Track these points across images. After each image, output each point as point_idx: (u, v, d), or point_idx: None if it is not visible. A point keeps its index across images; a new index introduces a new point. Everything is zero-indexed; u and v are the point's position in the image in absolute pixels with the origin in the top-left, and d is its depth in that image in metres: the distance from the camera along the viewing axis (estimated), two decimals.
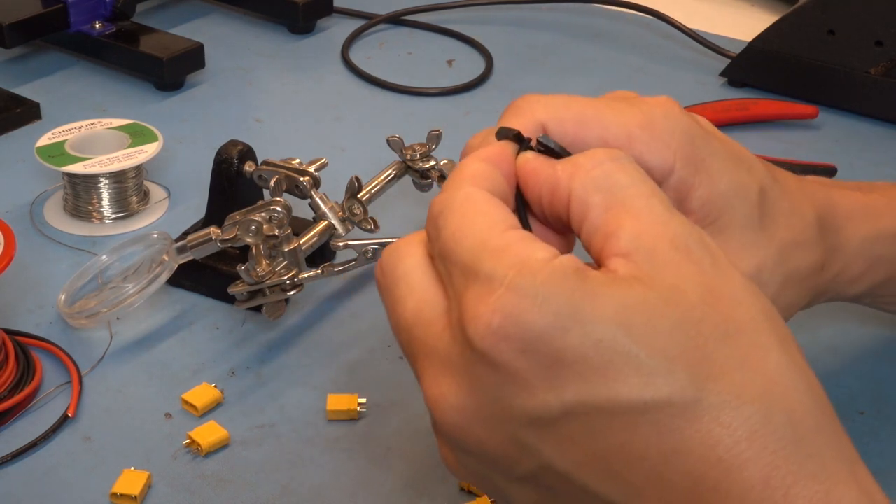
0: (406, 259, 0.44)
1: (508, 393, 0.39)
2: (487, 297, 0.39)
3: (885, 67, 0.98)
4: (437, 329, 0.42)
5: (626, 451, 0.38)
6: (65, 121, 0.86)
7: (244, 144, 0.74)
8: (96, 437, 0.64)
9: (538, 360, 0.38)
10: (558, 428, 0.39)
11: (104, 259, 0.75)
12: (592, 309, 0.38)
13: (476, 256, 0.40)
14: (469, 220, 0.41)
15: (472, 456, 0.42)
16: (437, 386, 0.41)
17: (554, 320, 0.38)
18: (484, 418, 0.40)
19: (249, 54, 1.09)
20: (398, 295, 0.44)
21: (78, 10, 1.02)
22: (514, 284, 0.38)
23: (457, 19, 1.16)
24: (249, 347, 0.71)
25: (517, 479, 0.41)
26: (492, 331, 0.38)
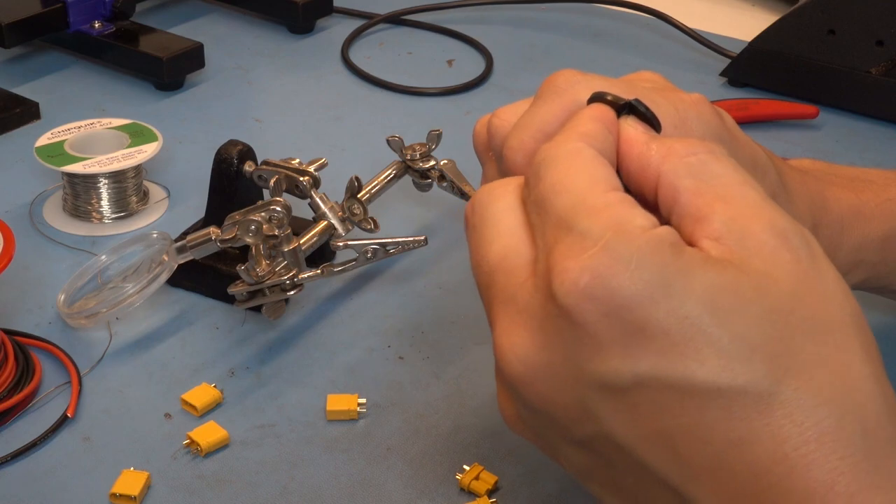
0: (499, 201, 0.43)
1: (583, 354, 0.38)
2: (579, 253, 0.38)
3: (886, 67, 0.98)
4: (519, 278, 0.41)
5: (692, 432, 0.37)
6: (64, 121, 0.85)
7: (244, 144, 0.74)
8: (96, 438, 0.64)
9: (620, 326, 0.37)
10: (627, 398, 0.38)
11: (104, 259, 0.75)
12: (683, 285, 0.37)
13: (573, 211, 0.39)
14: (572, 173, 0.40)
15: (532, 411, 0.41)
16: (508, 335, 0.40)
17: (644, 289, 0.37)
18: (552, 376, 0.39)
19: (249, 54, 1.09)
20: (485, 235, 0.43)
21: (77, 10, 1.02)
22: (608, 245, 0.38)
23: (457, 19, 1.16)
24: (249, 347, 0.71)
25: (574, 441, 0.41)
26: (579, 288, 0.38)
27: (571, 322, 0.38)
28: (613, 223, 0.38)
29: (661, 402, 0.38)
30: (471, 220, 0.44)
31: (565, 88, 0.48)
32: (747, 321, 0.37)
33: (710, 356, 0.37)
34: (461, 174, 0.76)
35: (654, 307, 0.37)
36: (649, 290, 0.37)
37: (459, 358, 0.70)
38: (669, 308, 0.37)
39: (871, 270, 0.61)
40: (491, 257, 0.42)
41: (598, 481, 0.42)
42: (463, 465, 0.61)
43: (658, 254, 0.38)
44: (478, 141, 0.54)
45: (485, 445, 0.63)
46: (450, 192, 0.76)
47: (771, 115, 0.98)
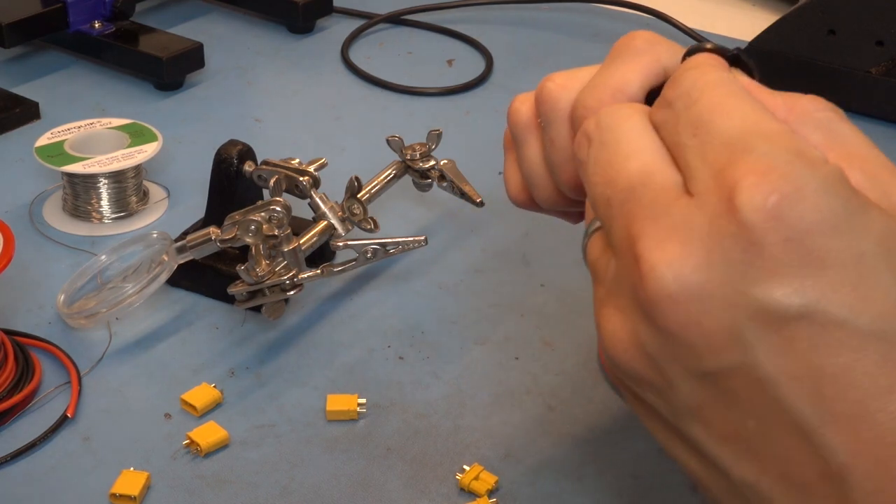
0: (631, 119, 0.42)
1: (752, 276, 0.37)
2: (769, 172, 0.37)
3: (886, 67, 0.98)
4: (670, 194, 0.39)
5: (843, 374, 0.36)
6: (64, 120, 0.85)
7: (244, 144, 0.74)
8: (95, 438, 0.64)
9: (798, 252, 0.36)
10: (787, 329, 0.37)
11: (103, 259, 0.75)
12: (864, 221, 0.37)
13: (749, 132, 0.38)
14: (736, 98, 0.39)
15: (663, 336, 0.39)
16: (662, 250, 0.38)
17: (830, 217, 0.36)
18: (708, 296, 0.37)
19: (249, 54, 1.09)
20: (620, 151, 0.41)
21: (77, 10, 1.02)
22: (796, 170, 0.37)
23: (457, 19, 1.16)
24: (249, 347, 0.71)
25: (702, 373, 0.39)
26: (767, 206, 0.36)
27: (750, 241, 0.37)
28: (795, 150, 0.37)
29: (821, 337, 0.36)
30: (598, 135, 0.42)
31: (645, 49, 0.46)
32: None
33: (878, 299, 0.36)
34: (461, 174, 0.76)
35: (837, 237, 0.36)
36: (834, 220, 0.36)
37: (459, 358, 0.70)
38: (850, 241, 0.36)
39: None
40: (631, 172, 0.40)
41: (705, 422, 0.40)
42: (463, 465, 0.61)
43: (842, 185, 0.37)
44: (518, 118, 0.52)
45: (485, 445, 0.63)
46: (450, 192, 0.76)
47: None
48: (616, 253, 0.41)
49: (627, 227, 0.40)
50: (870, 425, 0.36)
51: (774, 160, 0.37)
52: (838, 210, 0.36)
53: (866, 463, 0.36)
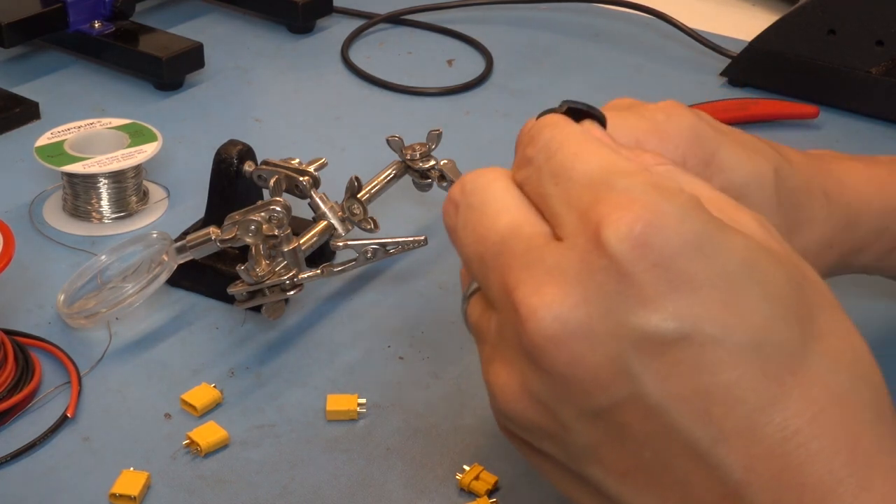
0: (497, 182, 0.44)
1: (628, 306, 0.38)
2: (630, 204, 0.38)
3: (886, 67, 0.98)
4: (541, 242, 0.40)
5: (728, 391, 0.38)
6: (64, 120, 0.85)
7: (244, 144, 0.74)
8: (95, 438, 0.64)
9: (667, 277, 0.37)
10: (668, 354, 0.38)
11: (103, 259, 0.75)
12: (726, 242, 0.38)
13: (607, 172, 0.40)
14: (591, 145, 0.41)
15: (550, 379, 0.40)
16: (540, 295, 0.39)
17: (693, 240, 0.38)
18: (589, 332, 0.38)
19: (249, 54, 1.09)
20: (489, 212, 0.43)
21: (77, 10, 1.02)
22: (656, 199, 0.38)
23: (457, 19, 1.16)
24: (249, 347, 0.71)
25: (594, 410, 0.40)
26: (632, 235, 0.38)
27: (620, 272, 0.38)
28: (653, 182, 0.39)
29: (701, 358, 0.38)
30: (464, 200, 0.44)
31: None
32: (780, 285, 0.38)
33: (750, 314, 0.38)
34: (461, 174, 0.76)
35: (702, 259, 0.38)
36: (697, 242, 0.38)
37: (459, 358, 0.70)
38: (716, 262, 0.38)
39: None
40: (500, 227, 0.42)
41: (602, 461, 0.41)
42: (463, 466, 0.61)
43: (701, 211, 0.38)
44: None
45: (485, 445, 0.63)
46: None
47: (771, 115, 0.98)
48: (496, 307, 0.42)
49: (503, 279, 0.41)
50: (759, 439, 0.37)
51: (634, 193, 0.38)
52: (700, 233, 0.38)
53: (761, 477, 0.37)
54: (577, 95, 1.02)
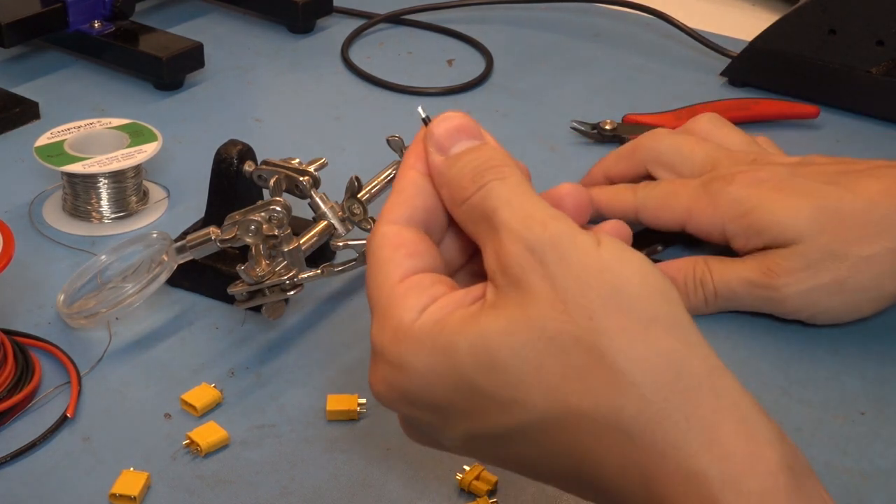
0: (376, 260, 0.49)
1: (424, 431, 0.48)
2: (375, 369, 0.46)
3: (887, 67, 0.98)
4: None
5: (530, 457, 0.45)
6: (64, 120, 0.85)
7: (244, 144, 0.74)
8: (95, 438, 0.64)
9: (427, 410, 0.45)
10: (471, 446, 0.46)
11: (103, 259, 0.75)
12: (450, 360, 0.43)
13: (374, 314, 0.46)
14: (375, 270, 0.47)
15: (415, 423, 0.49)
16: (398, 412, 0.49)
17: (420, 381, 0.44)
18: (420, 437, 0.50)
19: (249, 54, 1.09)
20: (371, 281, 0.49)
21: (77, 10, 1.02)
22: (387, 357, 0.45)
23: (457, 19, 1.16)
24: (249, 347, 0.71)
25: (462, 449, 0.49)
26: (382, 396, 0.46)
27: (398, 414, 0.48)
28: (392, 327, 0.45)
29: (491, 444, 0.45)
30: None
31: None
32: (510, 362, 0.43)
33: (491, 409, 0.43)
34: None
35: (433, 390, 0.44)
36: (424, 380, 0.44)
37: None
38: (442, 386, 0.44)
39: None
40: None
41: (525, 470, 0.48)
42: (463, 466, 0.61)
43: (420, 346, 0.44)
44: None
45: None
46: None
47: (771, 114, 0.98)
48: None
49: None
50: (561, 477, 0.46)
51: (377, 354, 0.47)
52: (422, 370, 0.44)
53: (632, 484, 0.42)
54: (578, 95, 1.02)
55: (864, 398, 0.68)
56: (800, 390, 0.68)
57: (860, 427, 0.66)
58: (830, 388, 0.69)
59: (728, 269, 0.71)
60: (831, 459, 0.63)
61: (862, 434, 0.65)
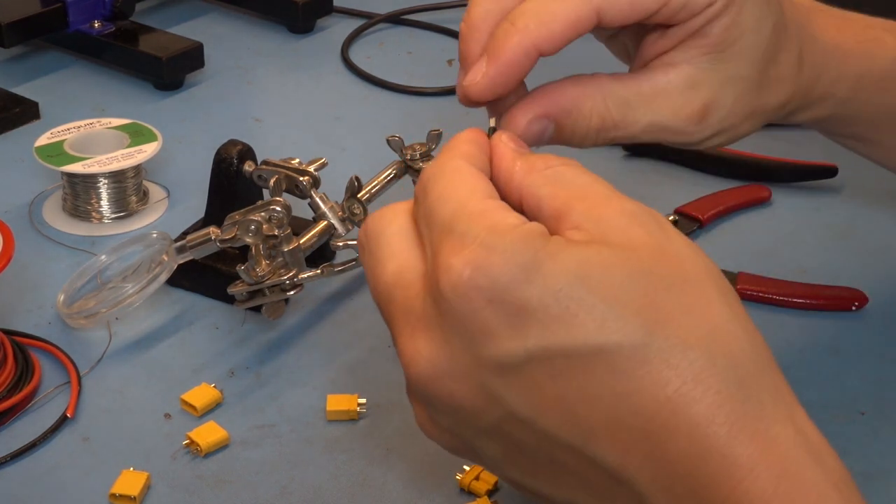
0: (391, 224, 0.47)
1: (476, 342, 0.42)
2: (461, 250, 0.42)
3: None
4: (415, 290, 0.44)
5: (584, 392, 0.41)
6: (64, 120, 0.85)
7: (244, 144, 0.74)
8: (95, 438, 0.64)
9: (504, 310, 0.41)
10: (522, 374, 0.42)
11: (103, 259, 0.75)
12: (553, 263, 0.41)
13: (454, 217, 0.43)
14: (454, 186, 0.45)
15: (443, 412, 0.45)
16: (412, 342, 0.44)
17: (518, 272, 0.41)
18: (455, 368, 0.43)
19: (249, 54, 1.09)
20: (380, 257, 0.46)
21: (77, 10, 1.02)
22: (484, 241, 0.42)
23: (457, 19, 1.16)
24: (249, 347, 0.71)
25: (484, 431, 0.44)
26: (462, 281, 0.42)
27: (461, 314, 0.42)
28: (488, 223, 0.43)
29: (553, 370, 0.41)
30: (365, 245, 0.47)
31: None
32: (614, 285, 0.41)
33: (586, 320, 0.41)
34: None
35: (531, 286, 0.41)
36: (524, 273, 0.41)
37: None
38: (544, 284, 0.41)
39: (837, 107, 0.63)
40: (387, 277, 0.46)
41: (517, 467, 0.45)
42: (463, 466, 0.61)
43: (528, 242, 0.42)
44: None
45: None
46: None
47: None
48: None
49: (391, 326, 0.46)
50: (623, 428, 0.41)
51: (467, 238, 0.42)
52: (527, 263, 0.41)
53: (636, 458, 0.41)
54: None
55: (864, 398, 0.68)
56: (800, 390, 0.68)
57: (860, 427, 0.66)
58: (830, 388, 0.69)
59: None
60: None
61: (862, 434, 0.65)
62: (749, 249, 0.81)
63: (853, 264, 0.79)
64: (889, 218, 0.84)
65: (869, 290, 0.75)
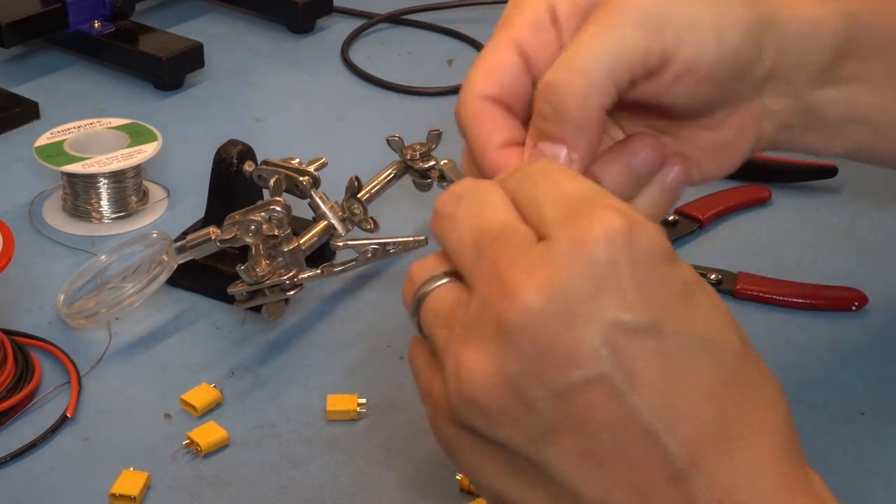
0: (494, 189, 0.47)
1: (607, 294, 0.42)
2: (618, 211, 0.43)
3: None
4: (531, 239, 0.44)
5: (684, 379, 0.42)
6: (64, 120, 0.85)
7: (244, 144, 0.74)
8: (95, 438, 0.64)
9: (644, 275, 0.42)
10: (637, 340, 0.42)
11: (103, 259, 0.75)
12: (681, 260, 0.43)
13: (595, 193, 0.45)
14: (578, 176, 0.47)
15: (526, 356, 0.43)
16: (530, 274, 0.43)
17: (665, 250, 0.43)
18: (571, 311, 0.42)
19: (249, 54, 1.09)
20: (489, 206, 0.46)
21: (77, 10, 1.02)
22: (637, 214, 0.43)
23: (457, 19, 1.16)
24: (249, 347, 0.71)
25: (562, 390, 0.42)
26: (621, 233, 0.42)
27: (604, 262, 0.42)
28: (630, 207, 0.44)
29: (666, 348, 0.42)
30: (466, 193, 0.47)
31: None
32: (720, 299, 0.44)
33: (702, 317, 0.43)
34: (461, 174, 0.76)
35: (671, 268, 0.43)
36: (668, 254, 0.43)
37: None
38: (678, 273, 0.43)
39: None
40: (497, 221, 0.45)
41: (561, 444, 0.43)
42: None
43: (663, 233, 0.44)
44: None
45: None
46: None
47: None
48: (479, 291, 0.44)
49: (496, 263, 0.44)
50: (704, 425, 0.42)
51: (620, 205, 0.44)
52: (669, 249, 0.43)
53: (703, 460, 0.42)
54: None
55: (864, 398, 0.68)
56: (800, 390, 0.68)
57: (860, 427, 0.66)
58: (830, 388, 0.69)
59: None
60: (831, 459, 0.63)
61: (862, 434, 0.65)
62: (749, 249, 0.81)
63: (853, 264, 0.79)
64: (889, 218, 0.84)
65: (869, 290, 0.75)
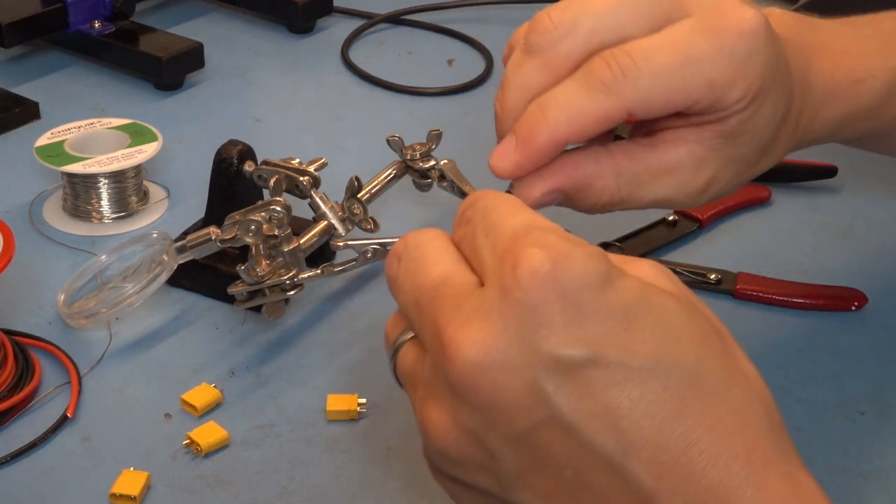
0: (434, 240, 0.48)
1: (540, 335, 0.42)
2: (543, 246, 0.43)
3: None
4: (469, 288, 0.45)
5: (635, 406, 0.42)
6: (64, 120, 0.85)
7: (244, 144, 0.74)
8: (95, 438, 0.64)
9: (574, 310, 0.42)
10: (577, 376, 0.42)
11: (103, 259, 0.75)
12: (624, 282, 0.43)
13: (529, 226, 0.45)
14: (520, 208, 0.47)
15: (476, 408, 0.43)
16: (465, 330, 0.43)
17: (594, 279, 0.43)
18: (508, 360, 0.43)
19: (249, 54, 1.09)
20: (424, 261, 0.47)
21: (77, 10, 1.02)
22: (565, 244, 0.43)
23: (457, 19, 1.16)
24: (249, 347, 0.71)
25: (516, 436, 0.43)
26: (543, 271, 0.42)
27: (531, 304, 0.42)
28: (564, 235, 0.44)
29: (609, 378, 0.42)
30: (405, 252, 0.48)
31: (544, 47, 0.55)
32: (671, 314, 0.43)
33: (647, 340, 0.42)
34: (461, 174, 0.75)
35: (605, 294, 0.43)
36: (600, 281, 0.43)
37: None
38: (616, 297, 0.43)
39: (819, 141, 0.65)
40: (435, 276, 0.46)
41: (532, 486, 0.44)
42: None
43: (604, 257, 0.44)
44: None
45: None
46: (450, 192, 0.76)
47: None
48: (429, 350, 0.45)
49: (435, 320, 0.45)
50: (665, 448, 0.42)
51: (548, 239, 0.44)
52: (602, 273, 0.43)
53: (669, 484, 0.42)
54: None
55: (864, 398, 0.68)
56: (800, 390, 0.68)
57: (860, 427, 0.66)
58: (830, 388, 0.69)
59: None
60: (831, 459, 0.63)
61: (862, 434, 0.65)
62: (749, 249, 0.81)
63: (853, 264, 0.79)
64: (889, 218, 0.84)
65: (869, 290, 0.75)
